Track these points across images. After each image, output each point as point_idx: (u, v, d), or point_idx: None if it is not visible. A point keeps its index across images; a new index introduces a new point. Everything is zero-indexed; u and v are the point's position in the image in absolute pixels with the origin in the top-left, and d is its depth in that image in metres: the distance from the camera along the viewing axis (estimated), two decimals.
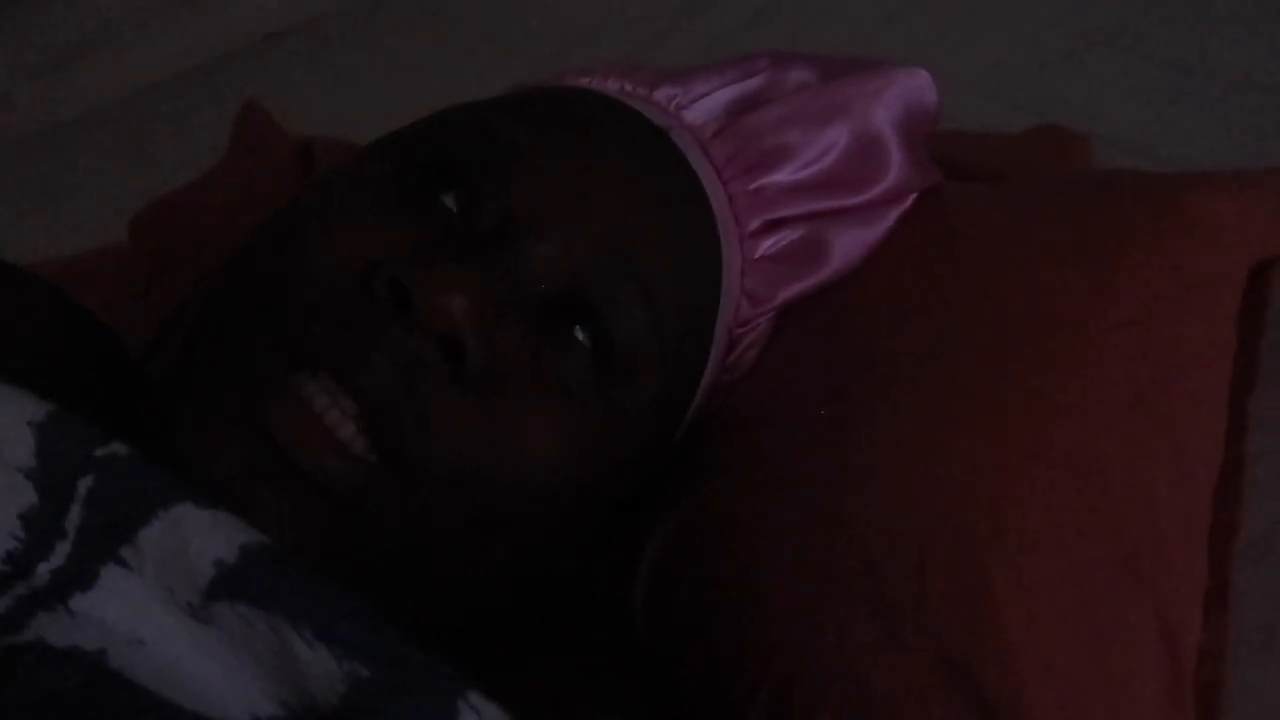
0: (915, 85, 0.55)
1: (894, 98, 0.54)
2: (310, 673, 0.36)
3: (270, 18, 1.09)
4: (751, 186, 0.52)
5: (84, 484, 0.38)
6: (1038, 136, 0.70)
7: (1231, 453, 0.50)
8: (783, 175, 0.52)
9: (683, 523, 0.52)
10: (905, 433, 0.49)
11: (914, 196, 0.55)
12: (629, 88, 0.53)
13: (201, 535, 0.37)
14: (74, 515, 0.38)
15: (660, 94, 0.52)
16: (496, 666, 0.48)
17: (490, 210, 0.45)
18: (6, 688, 0.35)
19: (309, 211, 0.46)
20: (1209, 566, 0.48)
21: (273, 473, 0.40)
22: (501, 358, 0.43)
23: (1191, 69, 0.82)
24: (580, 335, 0.45)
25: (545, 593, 0.52)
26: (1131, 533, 0.46)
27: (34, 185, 0.97)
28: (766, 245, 0.52)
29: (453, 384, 0.42)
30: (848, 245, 0.54)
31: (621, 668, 0.52)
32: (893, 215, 0.55)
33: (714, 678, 0.50)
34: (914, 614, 0.46)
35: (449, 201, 0.45)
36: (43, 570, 0.38)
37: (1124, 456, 0.47)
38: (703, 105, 0.53)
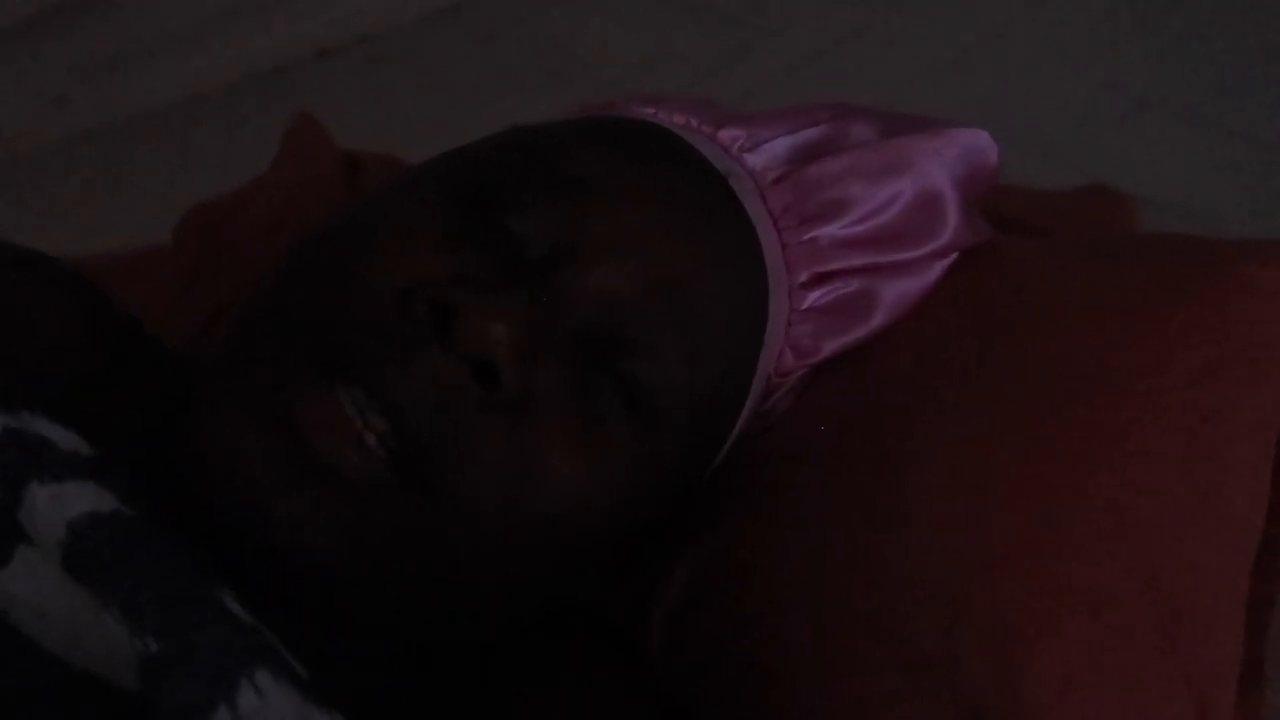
0: (978, 146, 0.55)
1: (956, 157, 0.54)
2: (123, 649, 0.36)
3: (322, 34, 1.11)
4: (805, 238, 0.52)
5: None
6: (1085, 195, 0.70)
7: (1273, 526, 0.49)
8: (837, 228, 0.52)
9: (706, 557, 0.52)
10: (941, 482, 0.48)
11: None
12: (694, 123, 0.53)
13: (43, 515, 0.38)
14: None
15: (725, 134, 0.52)
16: (507, 689, 0.48)
17: (543, 239, 0.45)
18: None
19: (364, 223, 0.46)
20: (1245, 639, 0.47)
21: (292, 464, 0.40)
22: (534, 389, 0.43)
23: (1241, 136, 0.83)
24: (618, 374, 0.45)
25: (559, 619, 0.52)
26: (1170, 597, 0.46)
27: (84, 182, 0.98)
28: (814, 297, 0.52)
29: (482, 409, 0.41)
30: (895, 298, 0.53)
31: (633, 696, 0.52)
32: (939, 268, 0.54)
33: (730, 713, 0.49)
34: (942, 666, 0.45)
35: (503, 227, 0.45)
36: None
37: (1166, 520, 0.47)
38: (765, 150, 0.53)
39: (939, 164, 0.53)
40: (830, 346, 0.53)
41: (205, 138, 1.02)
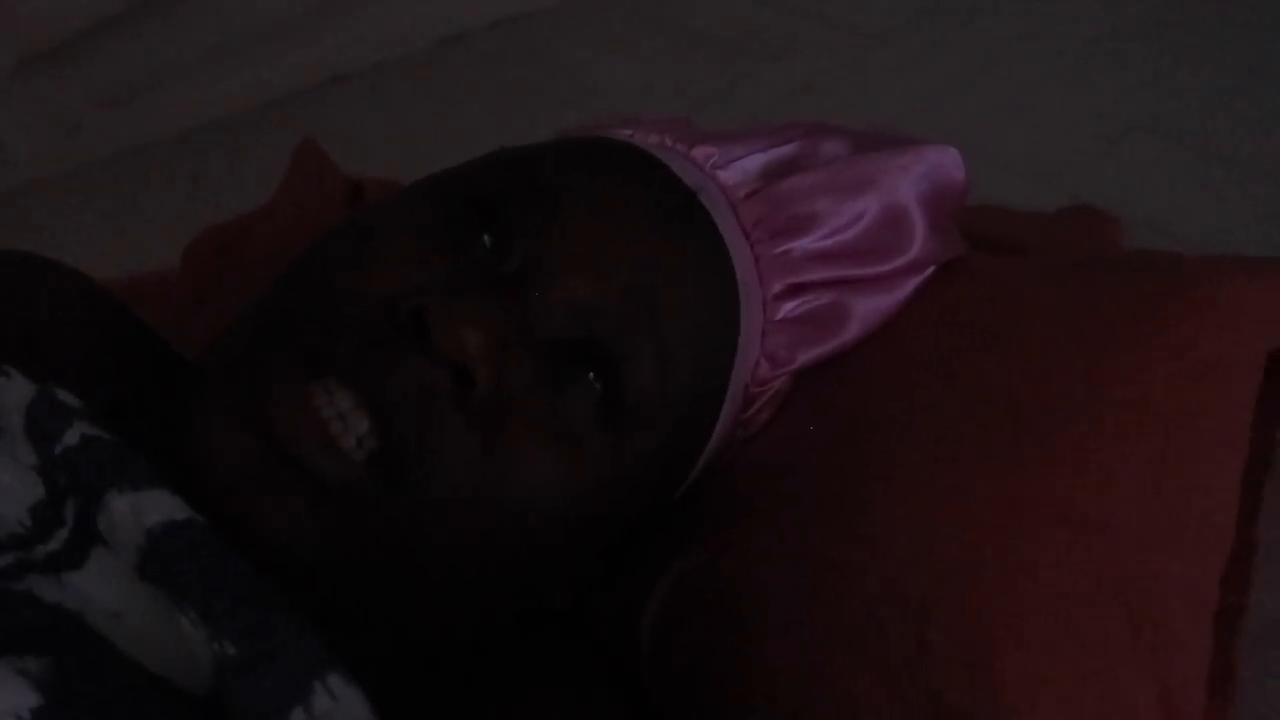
0: (944, 162, 0.56)
1: (922, 174, 0.55)
2: (198, 653, 0.38)
3: (334, 61, 1.13)
4: (777, 250, 0.53)
5: (62, 476, 0.41)
6: (1070, 215, 0.71)
7: (1243, 536, 0.50)
8: (808, 241, 0.53)
9: (689, 569, 0.53)
10: (913, 494, 0.49)
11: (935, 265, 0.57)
12: (669, 142, 0.54)
13: (121, 522, 0.39)
14: (71, 504, 0.41)
15: (698, 152, 0.54)
16: (486, 694, 0.49)
17: (520, 250, 0.47)
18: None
19: (352, 236, 0.48)
20: (1214, 647, 0.48)
21: (266, 466, 0.42)
22: (508, 391, 0.44)
23: (1227, 158, 0.83)
24: (590, 378, 0.46)
25: (538, 625, 0.53)
26: (1138, 606, 0.47)
27: (98, 209, 1.00)
28: (788, 308, 0.54)
29: (459, 411, 0.43)
30: (868, 312, 0.55)
31: (611, 702, 0.53)
32: (912, 284, 0.56)
33: None
34: (915, 671, 0.46)
35: (484, 239, 0.47)
36: (40, 551, 0.40)
37: (1133, 530, 0.48)
38: (737, 167, 0.54)
39: (905, 181, 0.55)
40: (805, 357, 0.54)
41: (219, 164, 1.04)
